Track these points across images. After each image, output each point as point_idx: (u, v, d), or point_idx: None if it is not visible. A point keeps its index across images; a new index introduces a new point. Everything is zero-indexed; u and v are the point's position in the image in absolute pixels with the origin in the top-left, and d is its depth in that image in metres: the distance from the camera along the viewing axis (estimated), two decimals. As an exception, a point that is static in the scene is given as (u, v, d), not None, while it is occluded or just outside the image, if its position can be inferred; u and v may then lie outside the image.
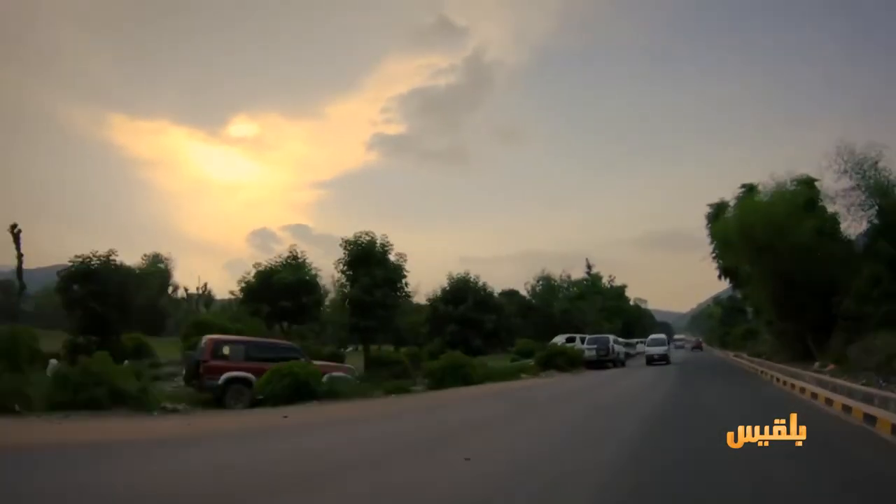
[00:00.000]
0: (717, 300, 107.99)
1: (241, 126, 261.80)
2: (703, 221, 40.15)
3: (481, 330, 32.47)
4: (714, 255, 46.59)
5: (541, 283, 75.09)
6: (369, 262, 26.59)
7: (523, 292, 77.68)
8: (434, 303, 34.80)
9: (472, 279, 34.52)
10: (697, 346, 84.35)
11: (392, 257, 27.93)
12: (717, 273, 46.81)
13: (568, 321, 68.87)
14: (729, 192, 42.76)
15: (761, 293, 28.93)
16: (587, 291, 65.25)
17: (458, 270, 73.37)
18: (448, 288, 34.35)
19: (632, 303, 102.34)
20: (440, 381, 20.28)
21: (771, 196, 26.10)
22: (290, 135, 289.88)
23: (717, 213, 44.03)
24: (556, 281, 74.16)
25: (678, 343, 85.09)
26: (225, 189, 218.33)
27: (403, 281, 28.07)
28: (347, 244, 27.41)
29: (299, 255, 27.80)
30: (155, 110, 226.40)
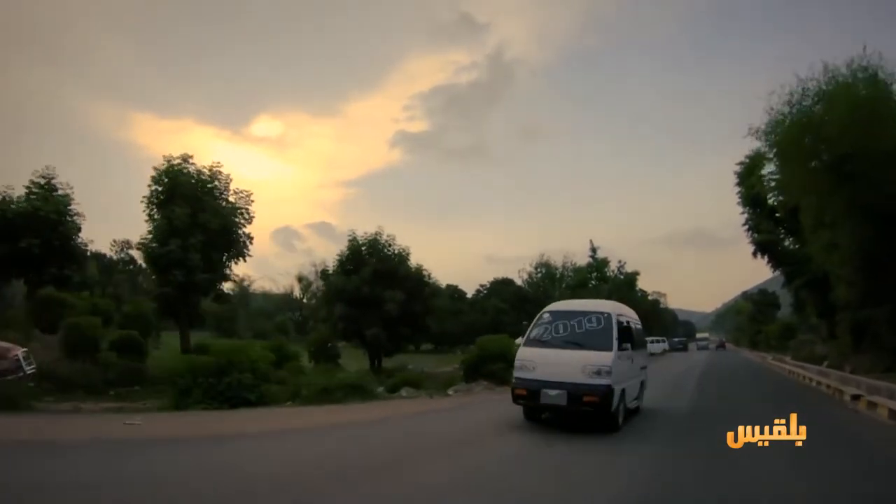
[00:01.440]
0: (745, 295, 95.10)
1: (264, 125, 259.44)
2: (728, 218, 28.47)
3: (381, 313, 21.39)
4: (747, 225, 35.43)
5: (539, 270, 63.96)
6: (174, 198, 16.33)
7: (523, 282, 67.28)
8: (328, 275, 23.83)
9: (382, 241, 23.42)
10: (721, 346, 77.89)
11: (232, 198, 17.67)
12: (751, 250, 35.83)
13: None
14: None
15: (832, 256, 17.06)
16: (590, 279, 53.98)
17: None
18: (348, 253, 23.33)
19: (650, 296, 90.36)
20: (185, 393, 9.99)
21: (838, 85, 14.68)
22: (314, 133, 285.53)
23: (749, 169, 33.17)
24: (556, 268, 62.85)
25: (701, 343, 73.83)
26: (249, 188, 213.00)
27: (239, 230, 17.74)
28: (159, 175, 17.22)
29: (55, 181, 16.86)
30: (179, 110, 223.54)
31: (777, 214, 32.92)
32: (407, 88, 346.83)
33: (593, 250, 55.05)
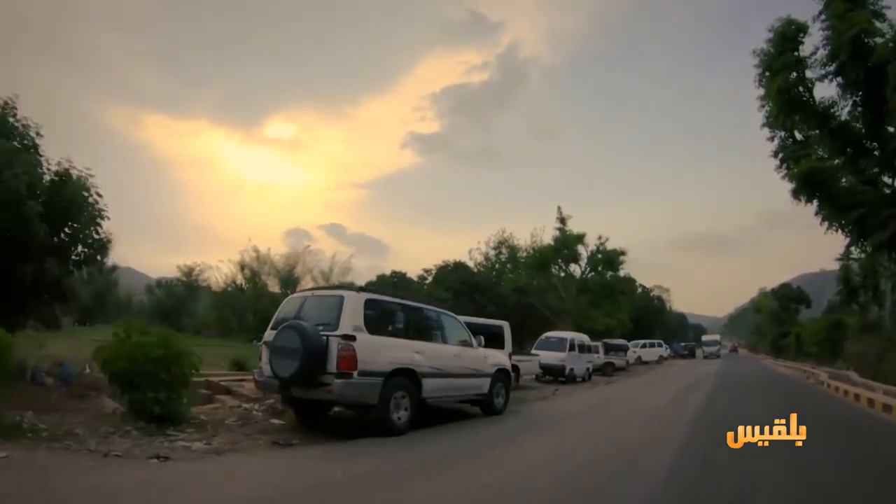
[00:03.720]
0: (763, 293, 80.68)
1: (277, 127, 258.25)
2: (741, 221, 14.67)
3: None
4: (779, 155, 21.70)
5: (498, 251, 49.40)
6: None
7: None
8: None
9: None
10: (734, 350, 75.64)
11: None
12: (788, 190, 22.03)
13: (528, 307, 43.82)
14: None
15: None
16: (557, 257, 40.04)
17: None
18: None
19: (653, 292, 75.71)
20: None
21: None
22: (326, 135, 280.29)
23: (778, 48, 19.70)
24: (522, 251, 48.06)
25: (709, 349, 55.62)
26: (261, 189, 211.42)
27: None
28: None
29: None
30: (192, 111, 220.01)
31: (832, 121, 19.15)
32: (418, 89, 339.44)
33: (561, 220, 40.99)
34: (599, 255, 40.75)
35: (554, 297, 43.52)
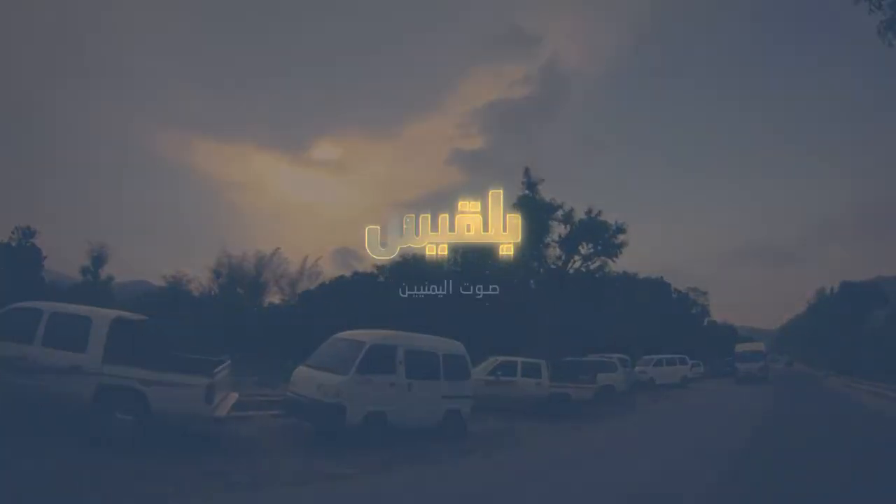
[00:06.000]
0: (822, 296, 66.18)
1: (324, 149, 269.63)
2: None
3: None
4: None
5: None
6: None
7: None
8: None
9: None
10: (789, 364, 73.76)
11: None
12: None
13: (478, 313, 31.63)
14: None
15: None
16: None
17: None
18: None
19: (691, 295, 61.89)
20: None
21: None
22: (371, 155, 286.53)
23: None
24: None
25: (747, 366, 36.22)
26: (308, 210, 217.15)
27: None
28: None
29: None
30: (240, 135, 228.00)
31: None
32: (462, 106, 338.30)
33: (530, 185, 29.74)
34: (585, 224, 28.97)
35: (529, 296, 32.20)
